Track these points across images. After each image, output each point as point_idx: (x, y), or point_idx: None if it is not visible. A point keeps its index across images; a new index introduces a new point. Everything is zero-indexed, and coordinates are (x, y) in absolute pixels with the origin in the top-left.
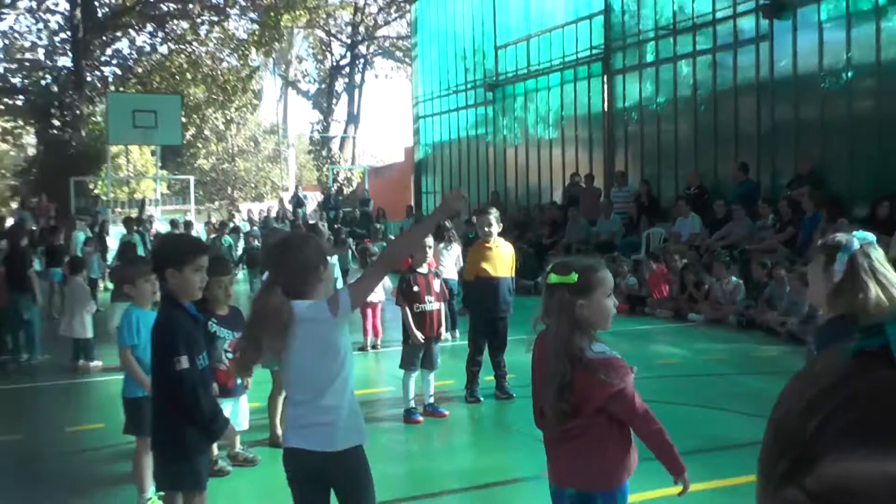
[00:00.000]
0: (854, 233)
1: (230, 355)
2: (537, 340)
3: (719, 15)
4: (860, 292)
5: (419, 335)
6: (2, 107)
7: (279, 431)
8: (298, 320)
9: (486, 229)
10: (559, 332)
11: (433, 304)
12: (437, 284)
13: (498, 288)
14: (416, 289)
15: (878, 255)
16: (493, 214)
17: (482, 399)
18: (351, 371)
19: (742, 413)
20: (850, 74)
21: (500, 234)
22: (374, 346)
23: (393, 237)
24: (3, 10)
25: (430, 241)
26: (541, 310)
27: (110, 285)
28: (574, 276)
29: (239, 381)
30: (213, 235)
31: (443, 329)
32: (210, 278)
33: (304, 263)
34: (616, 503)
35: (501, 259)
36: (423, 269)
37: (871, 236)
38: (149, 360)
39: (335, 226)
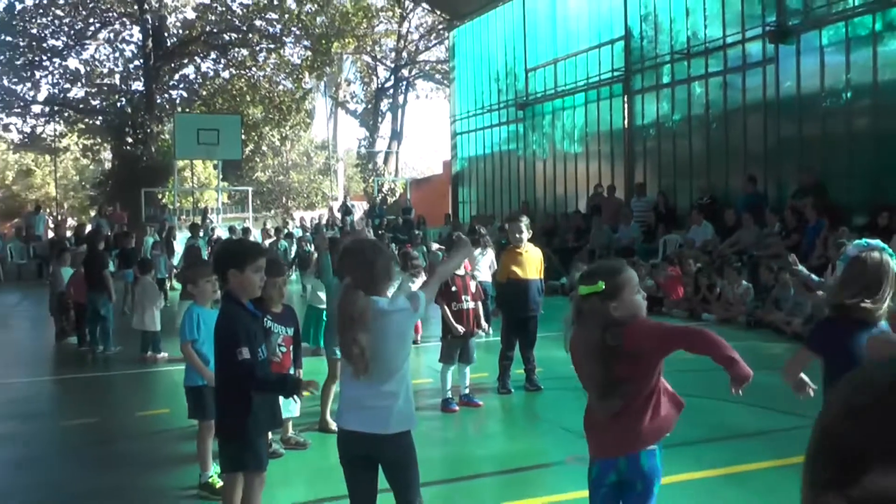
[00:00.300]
0: (857, 241)
1: (283, 349)
2: (572, 342)
3: (729, 40)
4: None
5: (459, 328)
6: (83, 126)
7: (329, 418)
8: (381, 314)
9: (518, 235)
10: (589, 338)
11: (469, 303)
12: (472, 285)
13: (528, 289)
14: (454, 289)
15: (877, 259)
16: (524, 222)
17: (513, 390)
18: (407, 362)
19: (750, 405)
20: (849, 94)
21: (529, 240)
22: (414, 342)
23: (434, 245)
24: (86, 41)
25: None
26: (572, 315)
27: (177, 285)
28: (601, 285)
29: (291, 371)
30: (269, 240)
31: (483, 324)
32: (266, 279)
33: (382, 268)
34: (657, 457)
35: (531, 263)
36: (461, 272)
37: (876, 242)
38: (207, 353)
39: (379, 232)
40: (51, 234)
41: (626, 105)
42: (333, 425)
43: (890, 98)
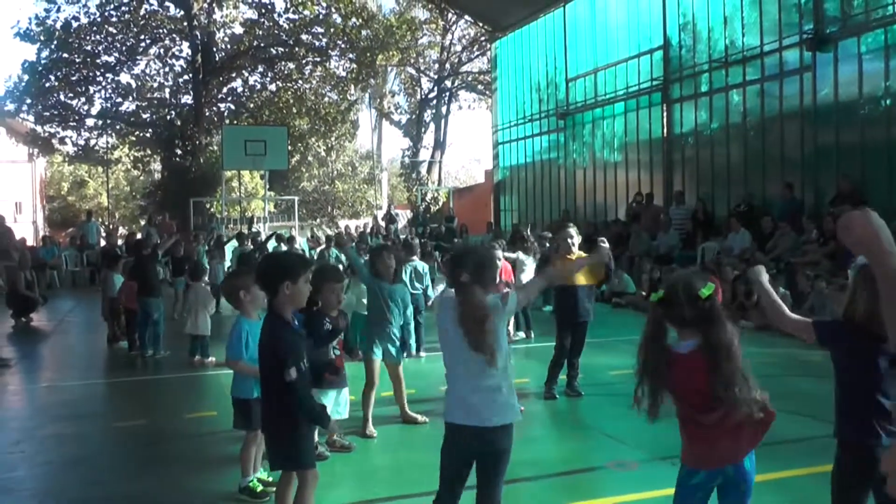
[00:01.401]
0: None
1: (337, 352)
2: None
3: (767, 48)
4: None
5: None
6: (134, 138)
7: (370, 425)
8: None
9: (568, 241)
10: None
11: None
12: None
13: (577, 295)
14: None
15: None
16: (573, 228)
17: (558, 396)
18: (509, 358)
19: (790, 412)
20: (887, 102)
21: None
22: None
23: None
24: (137, 57)
25: (500, 254)
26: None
27: None
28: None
29: (344, 371)
30: (320, 248)
31: (511, 329)
32: (325, 284)
33: (493, 271)
34: (753, 458)
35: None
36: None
37: None
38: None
39: (422, 240)
40: (103, 243)
41: (664, 114)
42: (371, 430)
43: None
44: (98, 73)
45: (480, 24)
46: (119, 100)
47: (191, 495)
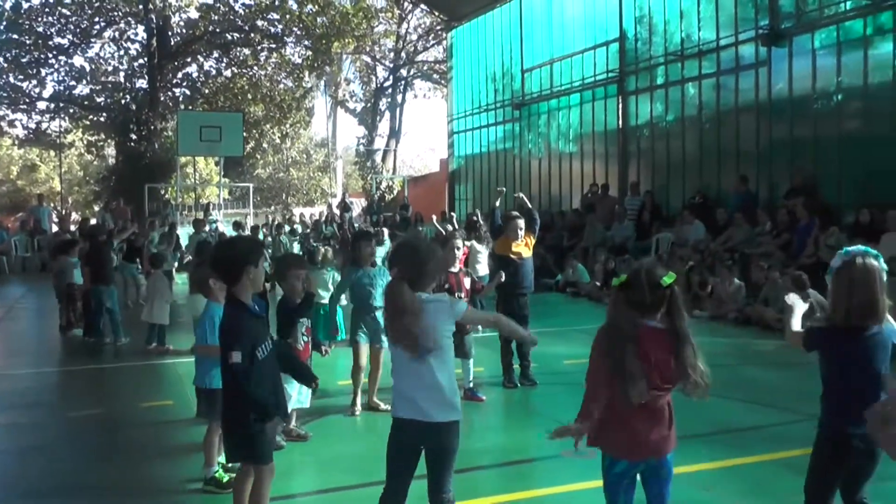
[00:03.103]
0: (848, 248)
1: (305, 338)
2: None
3: (723, 42)
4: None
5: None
6: (88, 123)
7: (377, 399)
8: (423, 302)
9: (518, 230)
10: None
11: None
12: (467, 282)
13: (521, 267)
14: (447, 286)
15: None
16: (521, 220)
17: (518, 385)
18: (450, 354)
19: (743, 401)
20: (840, 97)
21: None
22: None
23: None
24: (91, 40)
25: (459, 243)
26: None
27: (179, 278)
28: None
29: (310, 361)
30: (270, 237)
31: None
32: (289, 272)
33: (433, 268)
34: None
35: (526, 249)
36: (454, 269)
37: (866, 248)
38: None
39: (376, 228)
40: (55, 229)
41: (620, 105)
42: (383, 405)
43: (880, 100)
44: (50, 56)
45: (436, 14)
46: (72, 83)
47: (154, 483)
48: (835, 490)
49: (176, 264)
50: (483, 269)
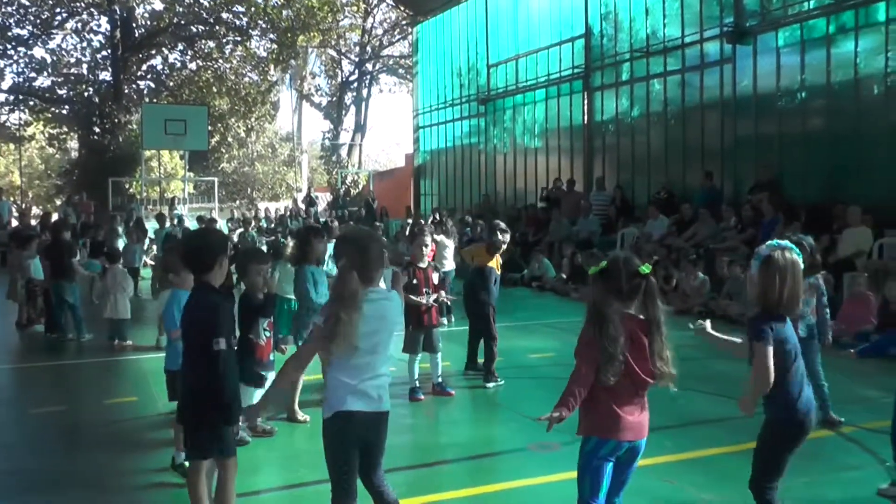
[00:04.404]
0: (774, 242)
1: (268, 333)
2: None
3: (688, 39)
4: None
5: (422, 300)
6: (49, 115)
7: (297, 408)
8: (370, 300)
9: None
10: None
11: (431, 297)
12: (435, 277)
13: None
14: (415, 281)
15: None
16: (428, 237)
17: (502, 380)
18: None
19: (708, 393)
20: (803, 94)
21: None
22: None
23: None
24: (53, 31)
25: (428, 239)
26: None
27: (145, 273)
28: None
29: (272, 357)
30: (238, 230)
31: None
32: (250, 266)
33: (376, 257)
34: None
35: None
36: (423, 264)
37: (785, 243)
38: None
39: (342, 223)
40: (15, 223)
41: (585, 101)
42: (300, 415)
43: (843, 98)
44: (9, 47)
45: (402, 8)
46: (33, 75)
47: (119, 478)
48: (777, 476)
49: (146, 259)
50: (450, 264)
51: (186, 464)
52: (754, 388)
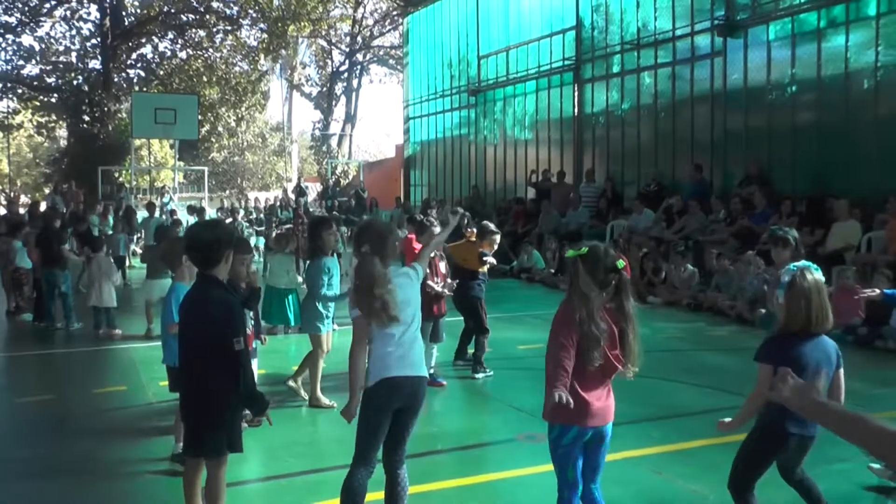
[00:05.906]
0: (793, 265)
1: (251, 322)
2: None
3: (678, 32)
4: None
5: (436, 286)
6: (38, 103)
7: (320, 394)
8: (392, 277)
9: (495, 247)
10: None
11: (439, 285)
12: (442, 266)
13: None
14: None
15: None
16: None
17: (490, 371)
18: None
19: (696, 385)
20: (794, 88)
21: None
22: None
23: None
24: (41, 18)
25: (436, 230)
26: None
27: (135, 263)
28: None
29: (254, 345)
30: (228, 220)
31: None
32: (235, 256)
33: (393, 246)
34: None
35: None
36: (434, 252)
37: (802, 263)
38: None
39: (332, 213)
40: (3, 211)
41: (576, 93)
42: (325, 401)
43: (833, 92)
44: None
45: None
46: (21, 62)
47: (109, 466)
48: (758, 478)
49: (134, 248)
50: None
51: None
52: (748, 405)
